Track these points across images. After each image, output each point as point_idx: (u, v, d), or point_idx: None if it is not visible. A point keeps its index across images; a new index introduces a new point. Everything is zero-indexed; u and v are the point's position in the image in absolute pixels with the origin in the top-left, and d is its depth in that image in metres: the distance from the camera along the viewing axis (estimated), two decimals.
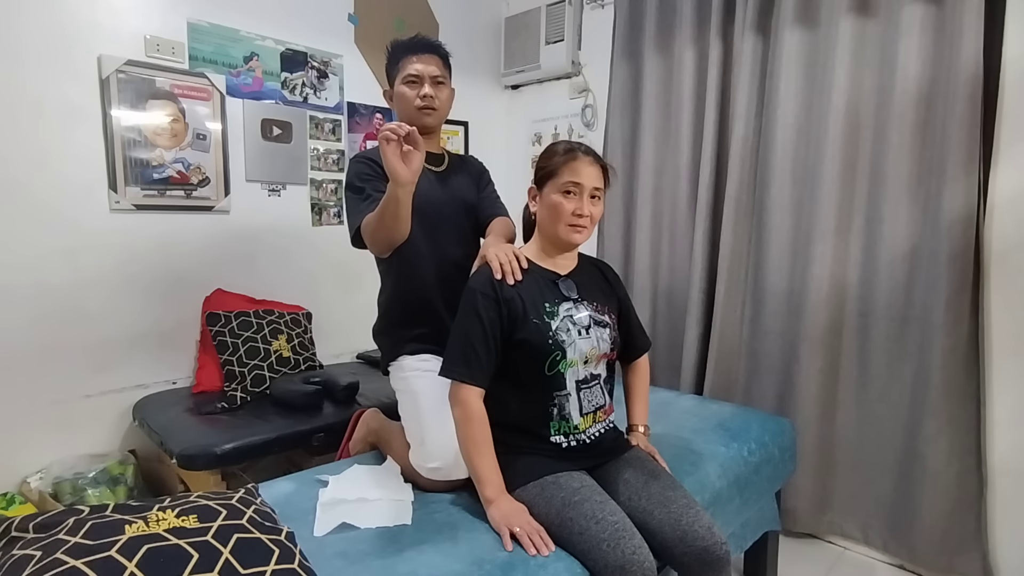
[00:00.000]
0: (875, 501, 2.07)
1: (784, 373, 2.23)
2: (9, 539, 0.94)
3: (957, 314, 1.83)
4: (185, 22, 2.26)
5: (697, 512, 1.24)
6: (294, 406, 2.08)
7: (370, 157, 1.58)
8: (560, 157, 1.35)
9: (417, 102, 1.58)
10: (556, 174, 1.34)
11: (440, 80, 1.60)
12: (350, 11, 2.73)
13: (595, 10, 2.91)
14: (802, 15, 2.13)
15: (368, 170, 1.56)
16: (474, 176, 1.76)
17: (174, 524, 0.95)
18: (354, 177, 1.57)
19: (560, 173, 1.33)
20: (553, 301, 1.35)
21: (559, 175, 1.33)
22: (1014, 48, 1.78)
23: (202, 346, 2.33)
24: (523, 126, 3.27)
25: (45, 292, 2.02)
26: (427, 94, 1.57)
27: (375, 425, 1.72)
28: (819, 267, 2.11)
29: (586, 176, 1.33)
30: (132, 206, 2.18)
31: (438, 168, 1.67)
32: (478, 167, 1.81)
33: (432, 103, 1.59)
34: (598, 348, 1.36)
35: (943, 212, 1.84)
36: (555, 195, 1.34)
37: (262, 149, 2.49)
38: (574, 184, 1.32)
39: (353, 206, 1.55)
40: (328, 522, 1.22)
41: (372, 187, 1.53)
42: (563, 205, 1.33)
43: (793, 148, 2.18)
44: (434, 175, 1.65)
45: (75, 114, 2.05)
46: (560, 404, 1.33)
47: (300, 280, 2.64)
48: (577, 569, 1.13)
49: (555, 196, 1.34)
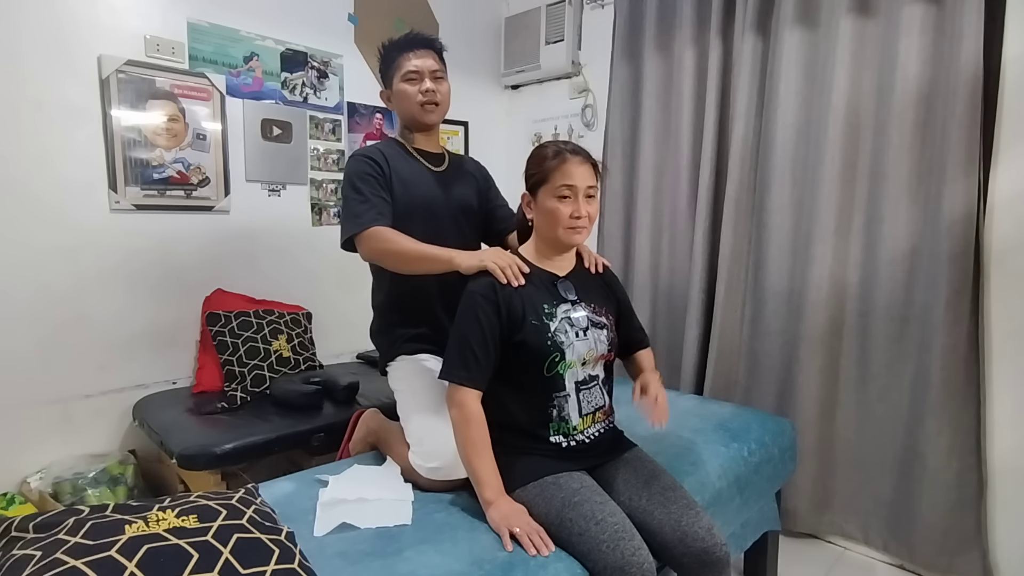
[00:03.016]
0: (875, 501, 2.07)
1: (784, 373, 2.23)
2: (9, 539, 0.94)
3: (957, 314, 1.83)
4: (185, 22, 2.26)
5: (697, 513, 1.24)
6: (294, 406, 2.08)
7: (371, 156, 1.56)
8: (551, 161, 1.34)
9: (419, 98, 1.56)
10: (548, 179, 1.33)
11: (439, 75, 1.59)
12: (350, 11, 2.73)
13: (595, 10, 2.91)
14: (802, 15, 2.13)
15: (369, 169, 1.54)
16: (477, 178, 1.75)
17: (174, 524, 0.95)
18: (354, 175, 1.54)
19: (552, 178, 1.33)
20: (551, 303, 1.35)
21: (552, 180, 1.33)
22: (1014, 48, 1.78)
23: (202, 346, 2.33)
24: (523, 126, 3.27)
25: (45, 292, 2.02)
26: (429, 89, 1.56)
27: (375, 425, 1.72)
28: (819, 267, 2.11)
29: (579, 177, 1.32)
30: (132, 206, 2.18)
31: (438, 168, 1.66)
32: (482, 171, 1.80)
33: (434, 98, 1.57)
34: (595, 350, 1.36)
35: (943, 212, 1.84)
36: (551, 201, 1.33)
37: (262, 149, 2.49)
38: (568, 187, 1.31)
39: (351, 207, 1.51)
40: (328, 522, 1.22)
41: (372, 189, 1.51)
42: (560, 210, 1.32)
43: (793, 148, 2.18)
44: (434, 175, 1.64)
45: (75, 114, 2.05)
46: (559, 405, 1.33)
47: (300, 280, 2.64)
48: (577, 569, 1.13)
49: (551, 202, 1.33)
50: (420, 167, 1.64)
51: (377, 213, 1.49)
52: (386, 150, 1.61)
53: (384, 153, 1.59)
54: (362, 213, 1.48)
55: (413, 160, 1.64)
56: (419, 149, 1.66)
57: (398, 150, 1.64)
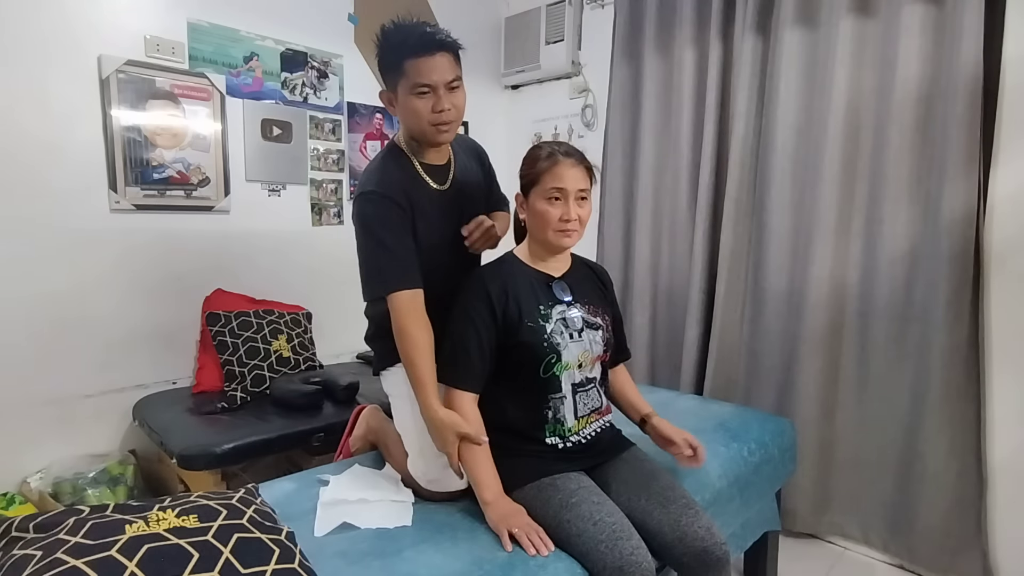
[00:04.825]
0: (875, 501, 2.07)
1: (784, 373, 2.23)
2: (9, 539, 0.94)
3: (957, 314, 1.83)
4: (185, 22, 2.27)
5: (696, 512, 1.24)
6: (294, 406, 2.08)
7: (391, 197, 1.33)
8: (542, 163, 1.33)
9: (432, 118, 1.32)
10: (539, 181, 1.32)
11: (455, 84, 1.33)
12: (350, 11, 2.73)
13: (595, 10, 2.91)
14: (802, 15, 2.13)
15: (390, 214, 1.33)
16: (480, 179, 1.58)
17: (174, 524, 0.95)
18: (375, 221, 1.33)
19: (543, 180, 1.32)
20: (547, 304, 1.35)
21: (542, 182, 1.32)
22: (1014, 48, 1.78)
23: (202, 346, 2.33)
24: (523, 126, 3.27)
25: (45, 292, 2.02)
26: (445, 108, 1.31)
27: (375, 424, 1.71)
28: (819, 267, 2.11)
29: (569, 180, 1.30)
30: (132, 206, 2.18)
31: (442, 186, 1.45)
32: (482, 160, 1.63)
33: (450, 116, 1.33)
34: (591, 351, 1.36)
35: (943, 212, 1.84)
36: (541, 203, 1.32)
37: (262, 149, 2.49)
38: (558, 190, 1.30)
39: (374, 260, 1.34)
40: (328, 522, 1.22)
41: (396, 238, 1.32)
42: (550, 212, 1.31)
43: (793, 148, 2.18)
44: (437, 197, 1.43)
45: (75, 114, 2.05)
46: (555, 407, 1.33)
47: (300, 280, 2.64)
48: (577, 569, 1.14)
49: (541, 204, 1.32)
50: (432, 192, 1.43)
51: (402, 271, 1.32)
52: (403, 181, 1.38)
53: (403, 188, 1.37)
54: (385, 271, 1.32)
55: (424, 185, 1.43)
56: (426, 164, 1.45)
57: (409, 171, 1.42)
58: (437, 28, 1.34)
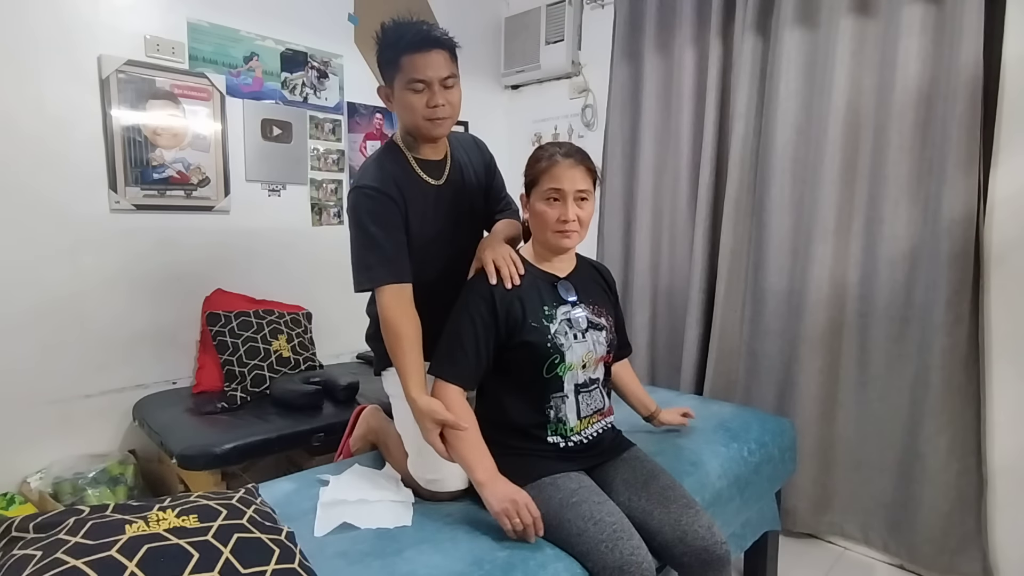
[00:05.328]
0: (875, 501, 2.07)
1: (784, 373, 2.23)
2: (9, 539, 0.94)
3: (957, 314, 1.83)
4: (185, 22, 2.27)
5: (696, 512, 1.24)
6: (294, 406, 2.08)
7: (385, 191, 1.36)
8: (542, 163, 1.33)
9: (426, 112, 1.34)
10: (538, 182, 1.33)
11: (450, 82, 1.36)
12: (350, 11, 2.73)
13: (595, 10, 2.91)
14: (802, 15, 2.13)
15: (380, 208, 1.35)
16: (480, 175, 1.58)
17: (174, 524, 0.95)
18: (365, 215, 1.35)
19: (541, 181, 1.32)
20: (552, 304, 1.35)
21: (541, 183, 1.32)
22: (1014, 48, 1.78)
23: (202, 346, 2.33)
24: (523, 126, 3.27)
25: (45, 292, 2.02)
26: (438, 104, 1.34)
27: (375, 424, 1.71)
28: (819, 267, 2.11)
29: (568, 180, 1.30)
30: (132, 206, 2.18)
31: (437, 181, 1.46)
32: (484, 158, 1.63)
33: (443, 112, 1.35)
34: (594, 352, 1.36)
35: (943, 212, 1.84)
36: (539, 203, 1.33)
37: (262, 149, 2.49)
38: (555, 191, 1.30)
39: (362, 255, 1.37)
40: (328, 522, 1.22)
41: (386, 232, 1.35)
42: (548, 213, 1.32)
43: (793, 148, 2.18)
44: (433, 192, 1.45)
45: (75, 114, 2.05)
46: (556, 406, 1.33)
47: (300, 280, 2.64)
48: (577, 569, 1.14)
49: (540, 204, 1.33)
50: (426, 187, 1.45)
51: (390, 265, 1.35)
52: (396, 175, 1.40)
53: (396, 183, 1.39)
54: (374, 265, 1.35)
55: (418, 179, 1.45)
56: (421, 159, 1.46)
57: (403, 166, 1.44)
58: (434, 26, 1.37)
